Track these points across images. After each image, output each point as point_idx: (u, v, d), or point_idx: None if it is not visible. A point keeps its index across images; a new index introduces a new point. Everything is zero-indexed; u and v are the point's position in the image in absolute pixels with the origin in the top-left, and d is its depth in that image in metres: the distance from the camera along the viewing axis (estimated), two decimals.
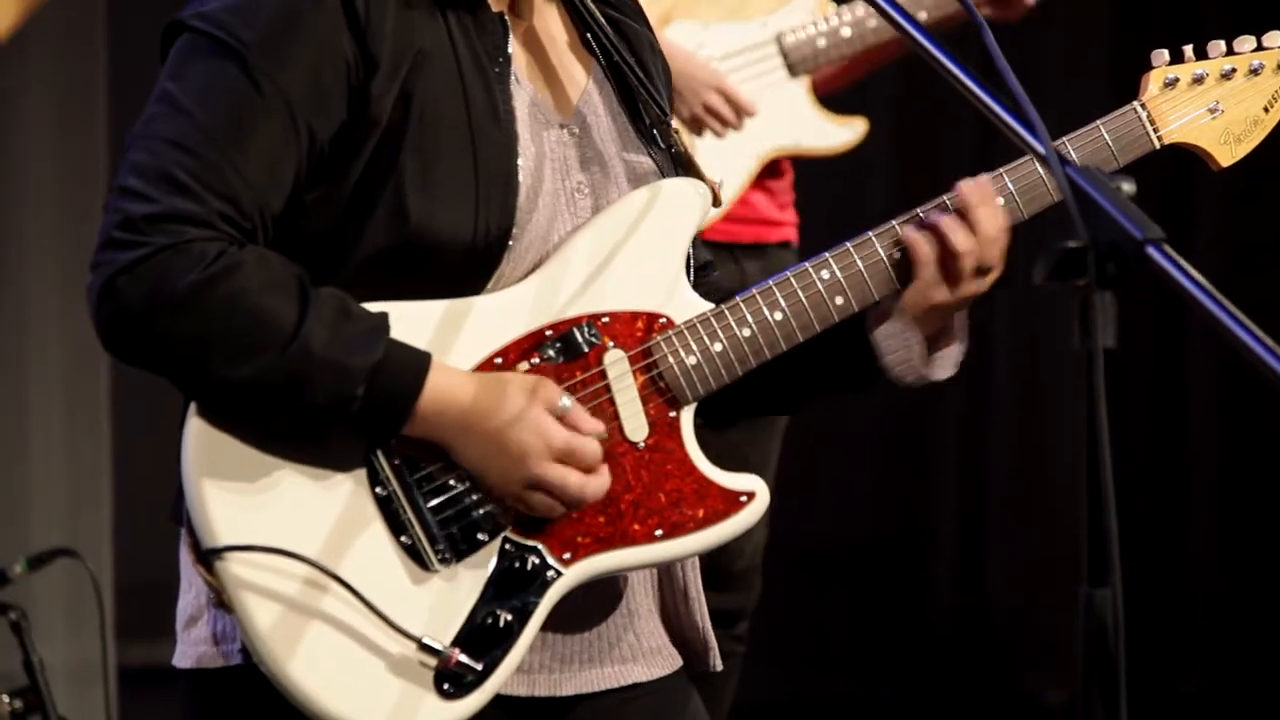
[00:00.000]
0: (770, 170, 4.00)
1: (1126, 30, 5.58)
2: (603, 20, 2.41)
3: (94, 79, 4.43)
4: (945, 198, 2.35)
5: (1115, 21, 5.60)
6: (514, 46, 2.30)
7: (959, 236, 2.31)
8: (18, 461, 4.55)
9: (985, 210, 2.33)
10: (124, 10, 4.53)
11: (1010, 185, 2.38)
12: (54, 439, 4.57)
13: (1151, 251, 1.89)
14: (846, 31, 3.92)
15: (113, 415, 4.60)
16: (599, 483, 2.23)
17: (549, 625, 2.26)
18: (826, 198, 5.25)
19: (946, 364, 2.38)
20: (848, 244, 2.36)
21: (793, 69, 3.92)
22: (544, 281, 2.28)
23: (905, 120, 5.41)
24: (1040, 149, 2.04)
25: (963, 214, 2.33)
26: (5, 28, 1.40)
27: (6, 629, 3.76)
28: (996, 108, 2.10)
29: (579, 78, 2.38)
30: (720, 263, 2.61)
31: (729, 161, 3.88)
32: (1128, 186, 1.97)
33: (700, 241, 2.44)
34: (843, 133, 3.99)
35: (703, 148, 3.87)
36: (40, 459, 4.57)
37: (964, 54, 2.16)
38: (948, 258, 2.31)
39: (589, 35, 2.40)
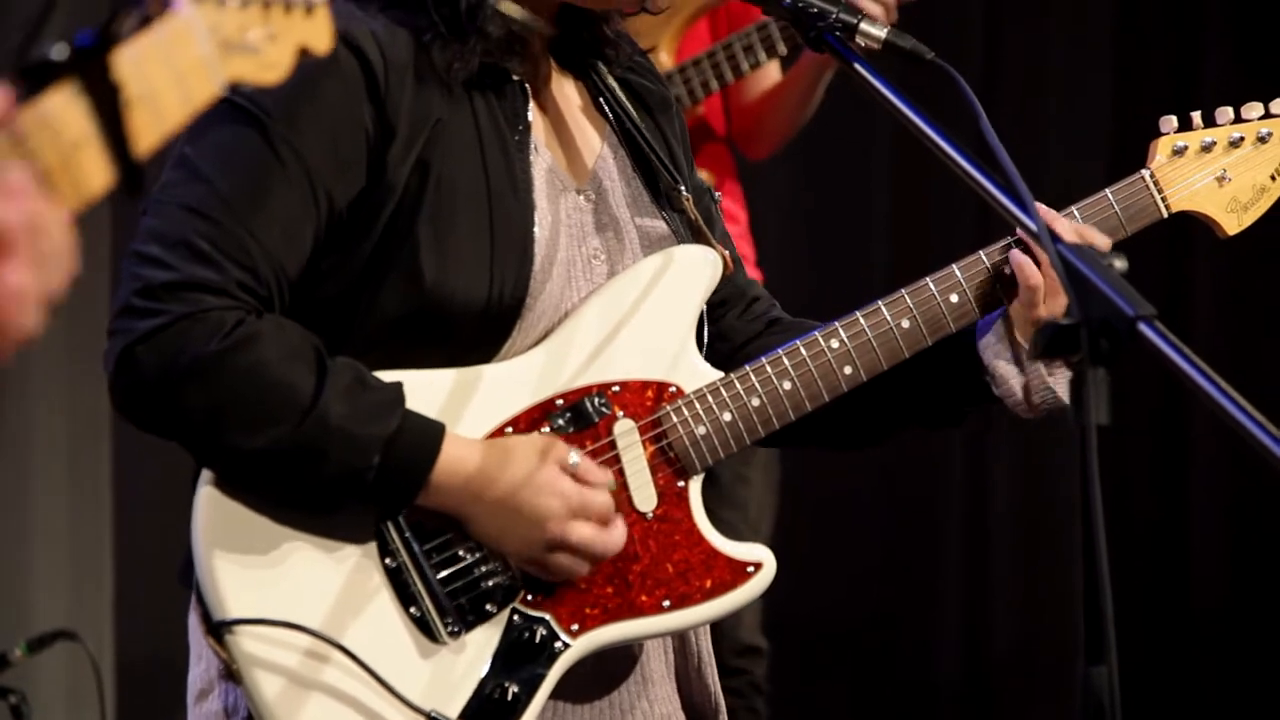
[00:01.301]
0: None
1: (1125, 87, 5.58)
2: (615, 85, 2.44)
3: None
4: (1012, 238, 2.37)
5: (1115, 81, 5.61)
6: (533, 113, 2.33)
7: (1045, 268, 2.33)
8: (19, 541, 4.57)
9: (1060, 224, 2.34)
10: None
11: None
12: (56, 518, 4.58)
13: (1144, 328, 1.91)
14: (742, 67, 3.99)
15: (115, 493, 4.63)
16: (617, 535, 2.26)
17: (561, 693, 2.28)
18: (830, 254, 5.29)
19: (1065, 386, 2.36)
20: (857, 313, 2.38)
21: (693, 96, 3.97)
22: (555, 349, 2.30)
23: (904, 176, 5.44)
24: (1031, 225, 2.06)
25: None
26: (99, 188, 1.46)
27: (7, 713, 3.74)
28: (987, 184, 2.13)
29: (594, 143, 2.41)
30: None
31: None
32: (1120, 263, 2.00)
33: (743, 278, 2.47)
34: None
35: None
36: (42, 538, 4.58)
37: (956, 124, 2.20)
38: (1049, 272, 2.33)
39: (602, 100, 2.44)
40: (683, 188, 2.44)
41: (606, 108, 2.43)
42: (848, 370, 2.36)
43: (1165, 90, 5.56)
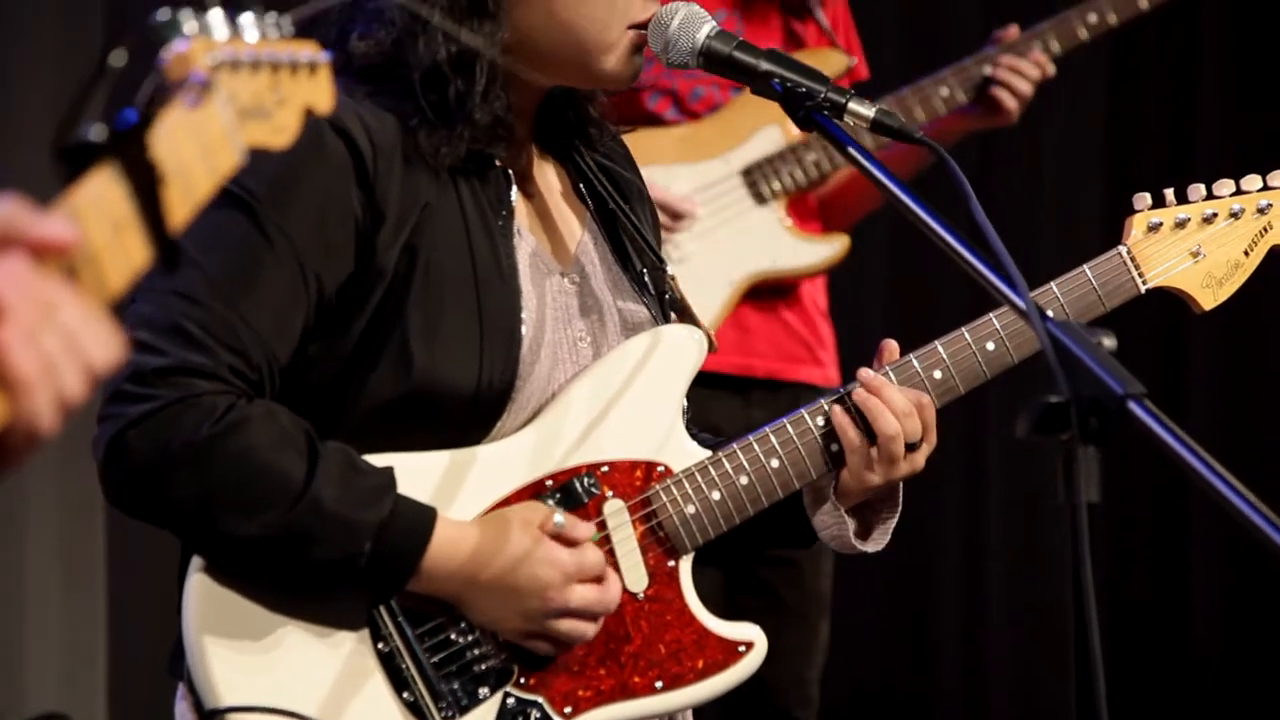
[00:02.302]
0: (783, 300, 4.04)
1: (1117, 161, 5.65)
2: (596, 169, 2.46)
3: None
4: (845, 389, 2.39)
5: (1106, 149, 5.67)
6: (516, 198, 2.35)
7: (884, 421, 2.34)
8: (13, 625, 4.55)
9: (889, 391, 2.36)
10: None
11: (999, 328, 2.44)
12: (49, 601, 4.56)
13: (1133, 406, 1.93)
14: (812, 156, 4.00)
15: (108, 577, 4.61)
16: (614, 589, 2.27)
17: None
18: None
19: (885, 535, 2.42)
20: (841, 389, 2.40)
21: (760, 197, 3.98)
22: (544, 430, 2.31)
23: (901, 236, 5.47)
24: (1020, 304, 2.08)
25: (868, 402, 2.36)
26: (113, 291, 1.47)
27: None
28: (977, 263, 2.15)
29: (574, 227, 2.42)
30: (724, 400, 2.64)
31: (704, 291, 3.93)
32: (1108, 341, 2.01)
33: None
34: (821, 249, 4.03)
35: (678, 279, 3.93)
36: (35, 622, 4.56)
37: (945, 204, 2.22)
38: (879, 442, 2.35)
39: (582, 185, 2.46)
40: (667, 268, 2.46)
41: (586, 192, 2.45)
42: (834, 447, 2.38)
43: (1159, 152, 5.62)
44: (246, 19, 1.54)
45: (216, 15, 1.51)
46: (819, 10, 4.06)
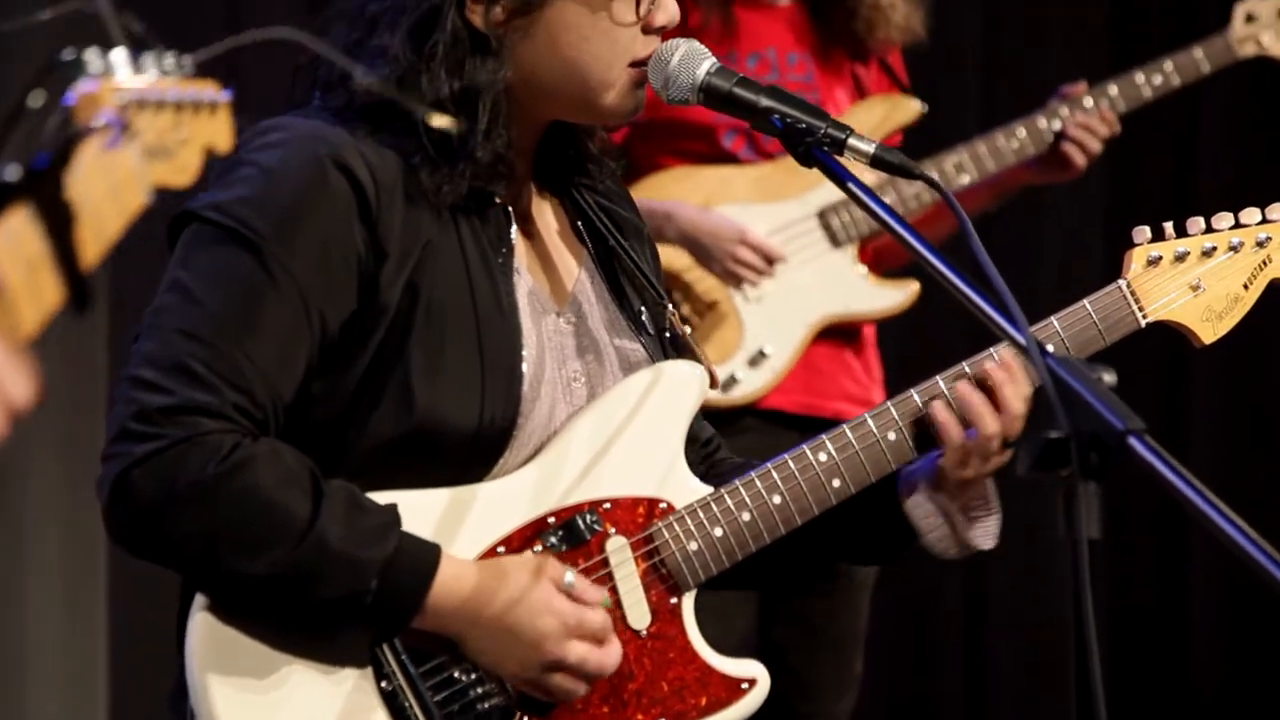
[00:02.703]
0: (850, 342, 4.06)
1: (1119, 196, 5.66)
2: (594, 207, 2.47)
3: (94, 278, 4.48)
4: (966, 365, 2.39)
5: (1109, 195, 5.69)
6: (515, 236, 2.35)
7: (987, 421, 2.36)
8: (13, 665, 4.54)
9: (1011, 389, 2.38)
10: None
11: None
12: (50, 641, 4.56)
13: (1133, 442, 1.94)
14: (888, 199, 4.02)
15: (110, 614, 4.61)
16: (614, 653, 2.27)
17: None
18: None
19: (989, 534, 2.42)
20: (844, 426, 2.41)
21: (835, 239, 4.02)
22: (545, 468, 2.32)
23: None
24: (1021, 340, 2.09)
25: (987, 390, 2.37)
26: (28, 331, 1.46)
27: None
28: (976, 298, 2.16)
29: (572, 266, 2.43)
30: (788, 439, 2.63)
31: (775, 333, 3.97)
32: (1108, 377, 2.02)
33: (701, 418, 2.49)
34: (894, 294, 4.07)
35: (752, 319, 3.95)
36: (35, 662, 4.56)
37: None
38: (979, 440, 2.36)
39: (580, 223, 2.46)
40: (669, 305, 2.47)
41: (585, 230, 2.46)
42: (836, 483, 2.38)
43: (1161, 185, 5.63)
44: (149, 58, 1.54)
45: (120, 55, 1.52)
46: (885, 55, 4.09)
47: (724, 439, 2.57)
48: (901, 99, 4.08)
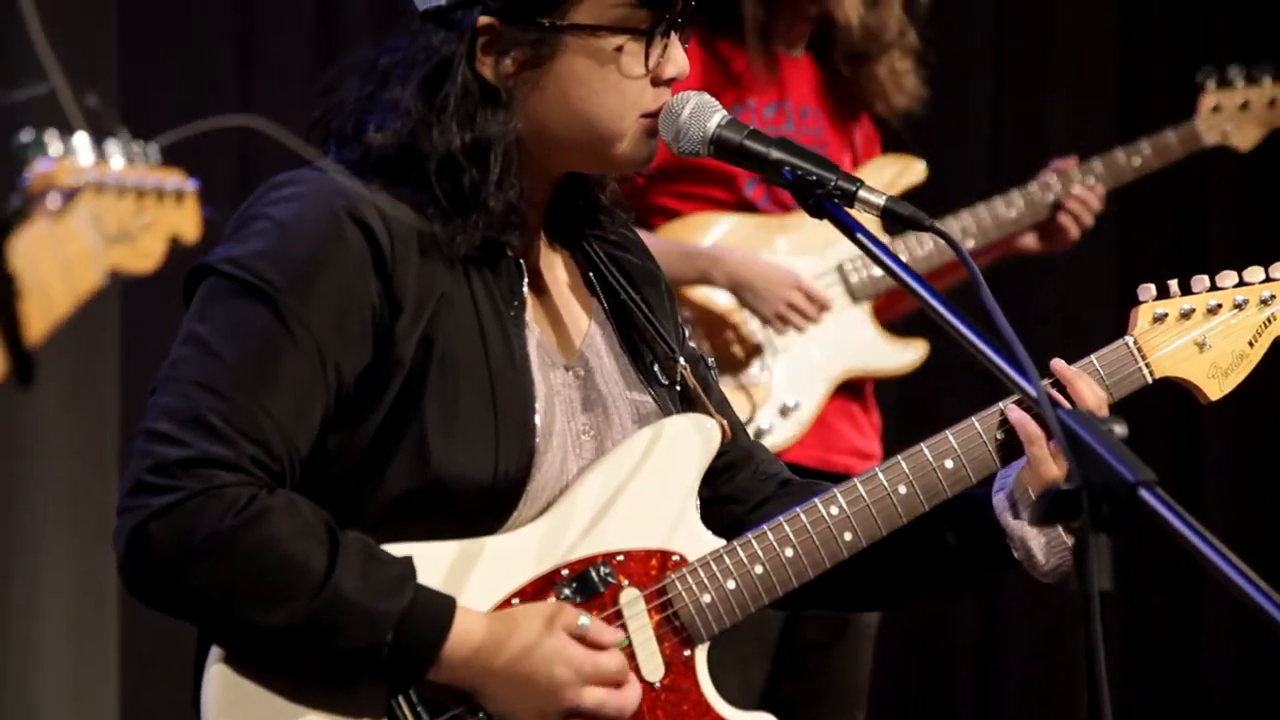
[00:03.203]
0: (855, 396, 4.10)
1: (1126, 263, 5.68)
2: (605, 259, 2.48)
3: (106, 334, 4.49)
4: (975, 420, 2.41)
5: (1118, 260, 5.71)
6: (526, 289, 2.37)
7: (1086, 396, 2.38)
8: (25, 716, 4.55)
9: (1082, 383, 2.40)
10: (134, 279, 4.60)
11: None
12: (62, 692, 4.56)
13: (1144, 493, 1.95)
14: (904, 257, 4.07)
15: (120, 665, 4.61)
16: (632, 695, 2.27)
17: None
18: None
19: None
20: (855, 480, 2.42)
21: (854, 295, 4.07)
22: (557, 521, 2.33)
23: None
24: (1032, 391, 2.11)
25: (1062, 388, 2.40)
26: (39, 333, 1.47)
27: None
28: (988, 351, 2.17)
29: (581, 320, 2.44)
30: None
31: (802, 385, 4.01)
32: (1119, 428, 2.03)
33: (747, 440, 2.50)
34: (907, 354, 4.13)
35: (778, 371, 3.98)
36: (49, 710, 4.56)
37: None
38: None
39: (591, 275, 2.48)
40: (680, 358, 2.48)
41: (596, 282, 2.47)
42: (848, 536, 2.39)
43: (1168, 241, 5.66)
44: (112, 145, 1.56)
45: (82, 139, 1.53)
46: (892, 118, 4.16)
47: None
48: (911, 161, 4.16)
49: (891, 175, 4.13)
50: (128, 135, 1.58)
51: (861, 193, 2.29)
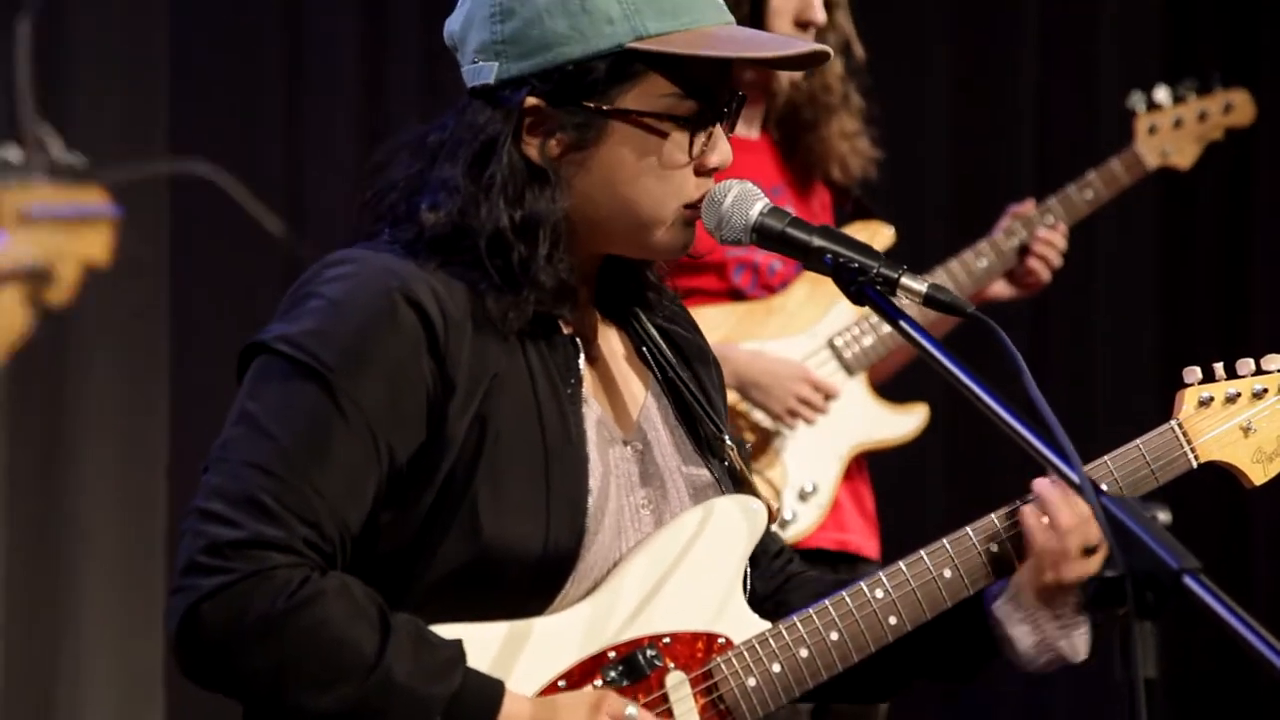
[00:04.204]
0: (855, 470, 4.11)
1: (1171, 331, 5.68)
2: (657, 335, 2.50)
3: (154, 430, 4.53)
4: (1020, 501, 2.43)
5: (1162, 327, 5.71)
6: (583, 365, 2.39)
7: (1064, 515, 2.39)
8: None
9: (1067, 499, 2.40)
10: (184, 346, 4.66)
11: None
12: None
13: (1189, 581, 1.95)
14: (887, 328, 4.08)
15: None
16: None
17: None
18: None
19: (1082, 643, 2.42)
20: (900, 563, 2.43)
21: (849, 369, 4.08)
22: (604, 602, 2.34)
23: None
24: (1075, 478, 2.11)
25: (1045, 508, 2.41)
26: None
27: None
28: (1030, 436, 2.18)
29: (638, 393, 2.45)
30: (823, 573, 2.65)
31: (816, 467, 4.01)
32: (1163, 515, 2.05)
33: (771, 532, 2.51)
34: (911, 421, 4.14)
35: (790, 457, 3.99)
36: None
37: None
38: (1056, 535, 2.38)
39: (645, 349, 2.49)
40: (726, 436, 2.49)
41: (650, 356, 2.49)
42: (893, 620, 2.40)
43: (1212, 324, 5.65)
44: (39, 158, 1.49)
45: (13, 153, 1.47)
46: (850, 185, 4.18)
47: None
48: (879, 226, 4.18)
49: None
50: (60, 145, 1.52)
51: (904, 279, 2.30)
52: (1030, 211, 4.23)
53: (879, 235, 4.15)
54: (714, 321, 4.01)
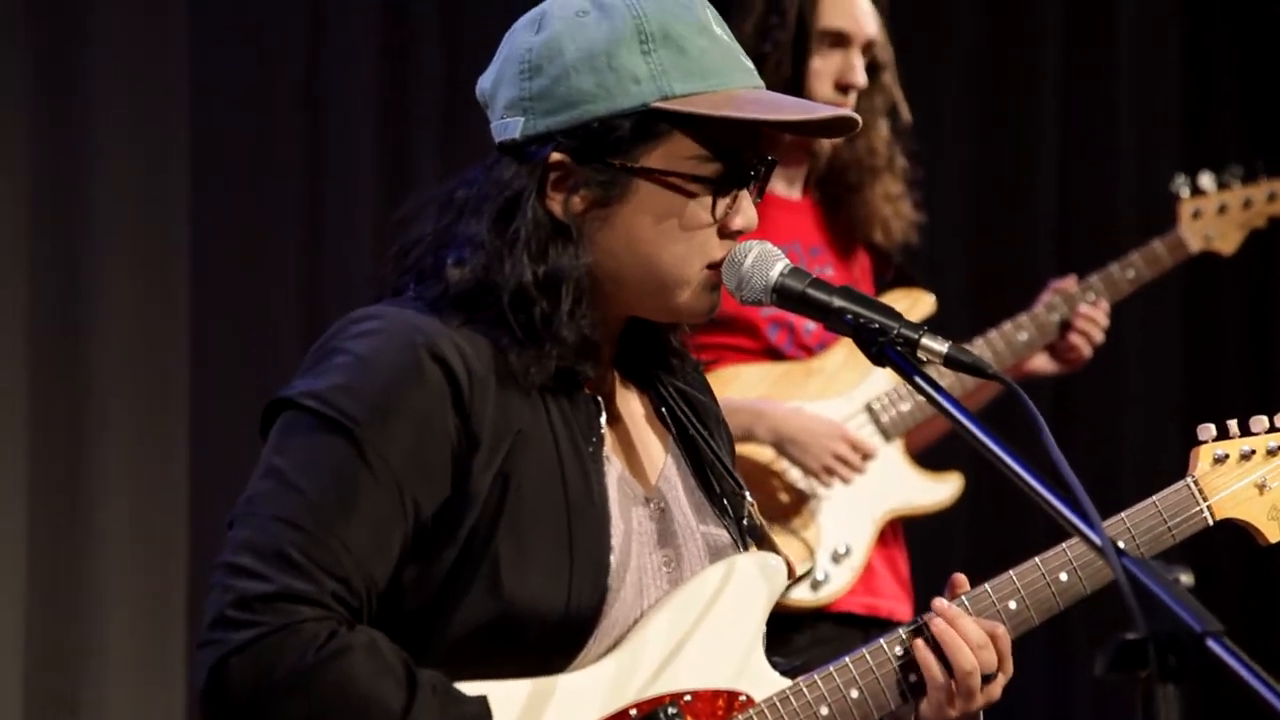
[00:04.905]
0: (888, 535, 4.11)
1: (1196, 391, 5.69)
2: (676, 395, 2.51)
3: (174, 466, 4.54)
4: (921, 619, 2.43)
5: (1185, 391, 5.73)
6: (604, 425, 2.40)
7: (961, 656, 2.38)
8: None
9: (963, 622, 2.40)
10: (203, 397, 4.69)
11: (1072, 559, 2.47)
12: None
13: (1211, 644, 1.96)
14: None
15: None
16: None
17: None
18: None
19: None
20: (920, 619, 2.44)
21: (886, 433, 4.09)
22: (625, 659, 2.34)
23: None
24: (1097, 540, 2.12)
25: (945, 635, 2.40)
26: None
27: None
28: (1051, 497, 2.18)
29: (657, 454, 2.47)
30: (851, 639, 2.67)
31: (850, 529, 4.02)
32: (1185, 577, 2.05)
33: None
34: (945, 488, 4.16)
35: (825, 518, 4.00)
36: None
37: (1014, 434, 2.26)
38: (956, 677, 2.38)
39: (664, 410, 2.50)
40: (746, 494, 2.50)
41: (669, 417, 2.50)
42: (913, 678, 2.41)
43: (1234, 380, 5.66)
44: None
45: None
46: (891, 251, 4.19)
47: (804, 646, 2.60)
48: (920, 294, 4.19)
49: (903, 310, 4.17)
50: None
51: (924, 340, 2.31)
52: (1072, 288, 4.26)
53: (920, 303, 4.16)
54: (752, 381, 4.02)
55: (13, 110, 4.47)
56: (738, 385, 4.01)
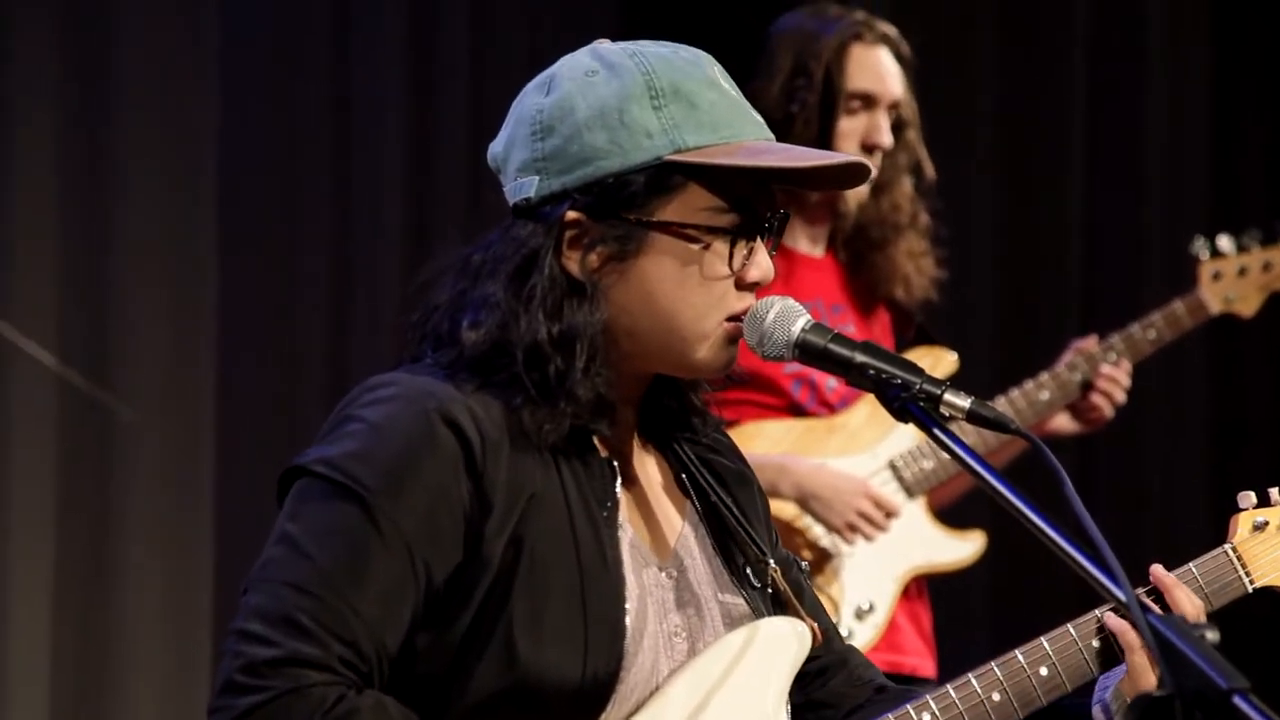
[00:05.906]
0: (913, 592, 4.09)
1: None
2: (697, 461, 2.48)
3: (199, 536, 4.55)
4: (1070, 627, 2.42)
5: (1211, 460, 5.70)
6: (619, 489, 2.38)
7: (1186, 606, 2.39)
8: None
9: (1181, 592, 2.39)
10: (229, 453, 4.69)
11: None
12: None
13: (1238, 701, 1.93)
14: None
15: None
16: None
17: None
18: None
19: None
20: (948, 686, 2.40)
21: (909, 491, 4.08)
22: None
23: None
24: (1122, 596, 2.09)
25: (1160, 596, 2.40)
26: None
27: None
28: (1077, 555, 2.16)
29: (675, 520, 2.44)
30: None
31: (873, 587, 4.00)
32: (1211, 634, 2.01)
33: (840, 644, 2.50)
34: (967, 546, 4.15)
35: (848, 575, 3.98)
36: None
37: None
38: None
39: (684, 476, 2.48)
40: (770, 560, 2.47)
41: (689, 483, 2.47)
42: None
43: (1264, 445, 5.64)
44: None
45: None
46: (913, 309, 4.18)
47: None
48: (942, 352, 4.18)
49: (925, 367, 4.16)
50: None
51: (947, 396, 2.29)
52: (1093, 348, 4.25)
53: (943, 361, 4.16)
54: (775, 437, 4.01)
55: (44, 114, 4.50)
56: (760, 442, 3.99)
